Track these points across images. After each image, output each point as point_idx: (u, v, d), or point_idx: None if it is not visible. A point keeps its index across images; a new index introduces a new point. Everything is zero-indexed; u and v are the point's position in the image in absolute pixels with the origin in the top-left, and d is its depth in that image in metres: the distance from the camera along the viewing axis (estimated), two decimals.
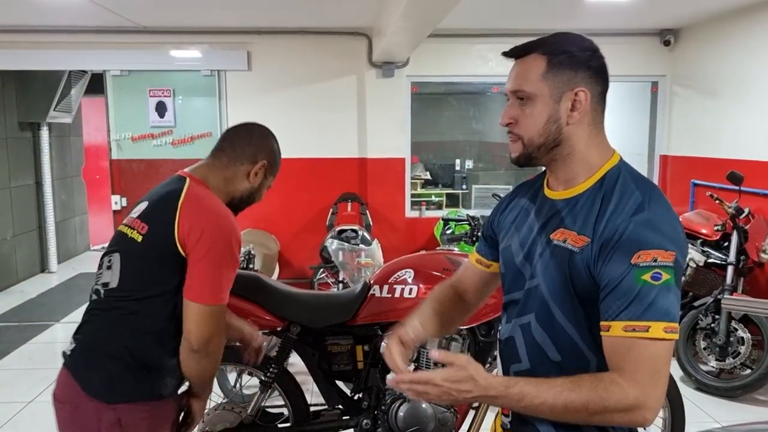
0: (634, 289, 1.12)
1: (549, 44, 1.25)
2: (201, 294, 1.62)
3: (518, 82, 1.26)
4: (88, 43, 5.36)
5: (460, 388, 1.15)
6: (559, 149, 1.26)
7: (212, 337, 1.65)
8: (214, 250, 1.63)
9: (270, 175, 1.89)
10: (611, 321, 1.14)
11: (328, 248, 4.35)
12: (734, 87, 4.73)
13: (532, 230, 1.33)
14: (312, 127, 5.67)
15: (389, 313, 2.52)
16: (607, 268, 1.16)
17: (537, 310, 1.29)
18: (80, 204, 8.11)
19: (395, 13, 3.69)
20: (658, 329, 1.11)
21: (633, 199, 1.19)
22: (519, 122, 1.27)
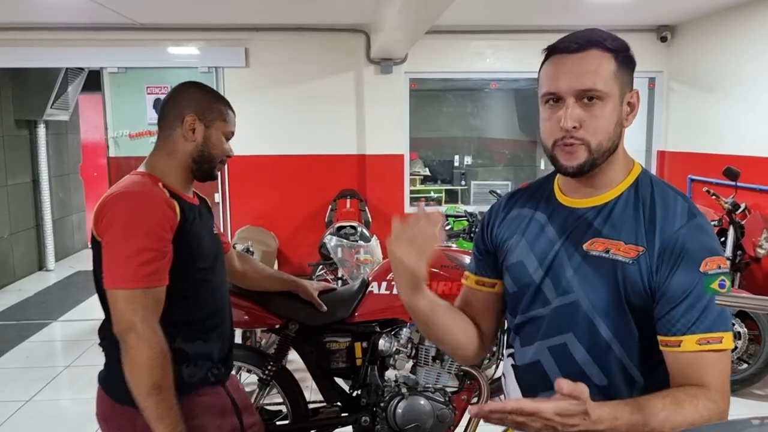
0: (705, 298, 1.07)
1: (609, 40, 1.13)
2: (111, 278, 1.50)
3: (589, 79, 1.10)
4: (85, 40, 5.34)
5: (568, 422, 0.98)
6: (613, 154, 1.17)
7: (129, 327, 1.47)
8: (117, 230, 1.51)
9: (210, 123, 1.69)
10: (682, 335, 1.07)
11: (327, 245, 4.34)
12: (731, 83, 4.73)
13: (554, 243, 1.21)
14: (310, 124, 5.66)
15: (387, 310, 2.52)
16: (674, 277, 1.09)
17: (577, 328, 1.17)
18: (78, 201, 8.09)
19: (393, 9, 3.68)
20: (729, 339, 1.07)
21: (680, 205, 1.14)
22: (585, 125, 1.12)
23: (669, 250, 1.09)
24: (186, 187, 1.73)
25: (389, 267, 2.54)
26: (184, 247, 1.61)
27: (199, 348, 1.68)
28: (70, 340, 4.93)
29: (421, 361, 2.56)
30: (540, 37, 5.59)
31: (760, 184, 4.32)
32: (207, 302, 1.72)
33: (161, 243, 1.53)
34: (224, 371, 1.79)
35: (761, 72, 4.41)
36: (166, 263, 1.55)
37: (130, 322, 1.47)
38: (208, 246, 1.73)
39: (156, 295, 1.53)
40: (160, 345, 1.49)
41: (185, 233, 1.61)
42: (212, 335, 1.72)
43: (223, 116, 1.72)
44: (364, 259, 4.24)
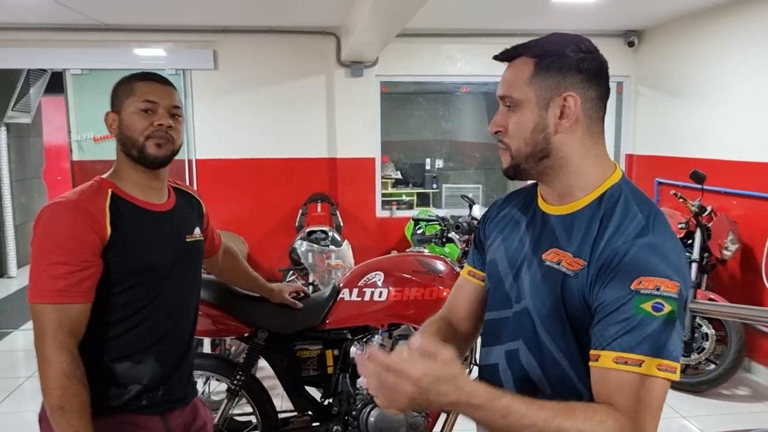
0: (633, 318, 1.01)
1: (538, 46, 1.16)
2: (29, 292, 1.45)
3: (505, 87, 1.17)
4: (47, 41, 5.19)
5: (438, 388, 0.94)
6: (549, 161, 1.16)
7: (37, 345, 1.42)
8: (35, 243, 1.47)
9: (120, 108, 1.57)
10: (601, 350, 1.03)
11: (298, 250, 4.29)
12: (697, 87, 4.81)
13: (523, 246, 1.23)
14: (280, 127, 5.59)
15: (359, 317, 2.50)
16: (604, 291, 1.05)
17: (526, 335, 1.18)
18: (41, 206, 7.85)
19: (363, 12, 3.66)
20: (652, 366, 0.99)
21: (636, 222, 1.09)
22: (507, 130, 1.17)
23: (606, 266, 1.06)
24: (145, 189, 1.63)
25: (360, 272, 2.54)
26: (118, 261, 1.52)
27: (127, 370, 1.58)
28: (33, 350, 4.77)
29: None
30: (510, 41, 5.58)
31: (725, 187, 4.40)
32: (144, 320, 1.60)
33: (78, 257, 1.45)
34: (165, 397, 1.66)
35: (727, 76, 4.49)
36: (86, 279, 1.47)
37: (39, 339, 1.43)
38: (158, 258, 1.61)
39: (71, 311, 1.44)
40: (62, 365, 1.41)
41: (117, 248, 1.52)
42: (147, 357, 1.61)
43: (130, 92, 1.57)
44: (335, 264, 4.20)
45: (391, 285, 2.47)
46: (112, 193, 1.56)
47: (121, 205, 1.56)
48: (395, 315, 2.45)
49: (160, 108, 1.58)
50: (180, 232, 1.71)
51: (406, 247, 5.52)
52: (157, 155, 1.58)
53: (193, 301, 1.78)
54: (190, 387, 1.82)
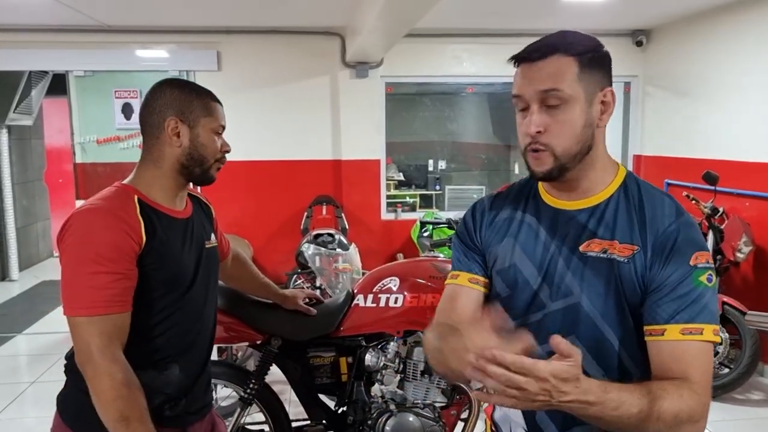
0: (693, 290, 1.10)
1: (569, 44, 1.14)
2: (66, 305, 1.40)
3: (551, 82, 1.11)
4: (49, 42, 5.13)
5: (562, 388, 0.93)
6: (588, 156, 1.17)
7: (87, 359, 1.37)
8: (71, 252, 1.41)
9: (195, 122, 1.55)
10: (665, 324, 1.10)
11: (305, 253, 4.24)
12: (706, 87, 4.76)
13: (548, 246, 1.21)
14: (284, 129, 5.54)
15: (374, 324, 2.44)
16: (665, 270, 1.12)
17: (579, 330, 1.17)
18: (42, 209, 7.84)
19: (372, 13, 3.60)
20: (710, 332, 1.09)
21: (667, 204, 1.17)
22: (549, 130, 1.13)
23: (661, 246, 1.13)
24: (173, 197, 1.60)
25: (375, 278, 2.48)
26: (151, 270, 1.49)
27: (151, 379, 1.53)
28: (36, 354, 4.73)
29: (409, 376, 2.47)
30: (516, 41, 5.53)
31: (738, 188, 4.35)
32: (171, 328, 1.57)
33: (118, 266, 1.41)
34: (187, 408, 1.62)
35: (737, 76, 4.45)
36: (128, 288, 1.43)
37: (86, 353, 1.38)
38: (186, 265, 1.59)
39: (115, 321, 1.41)
40: (121, 375, 1.37)
41: (151, 255, 1.48)
42: (170, 366, 1.57)
43: (207, 111, 1.57)
44: (342, 267, 4.15)
45: (406, 291, 2.42)
46: (139, 200, 1.51)
47: (150, 212, 1.52)
48: (411, 321, 2.40)
49: (223, 133, 1.63)
50: (200, 239, 1.67)
51: (413, 250, 5.48)
52: (214, 178, 1.64)
53: (212, 309, 1.74)
54: (209, 397, 1.78)
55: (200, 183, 1.63)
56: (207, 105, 1.58)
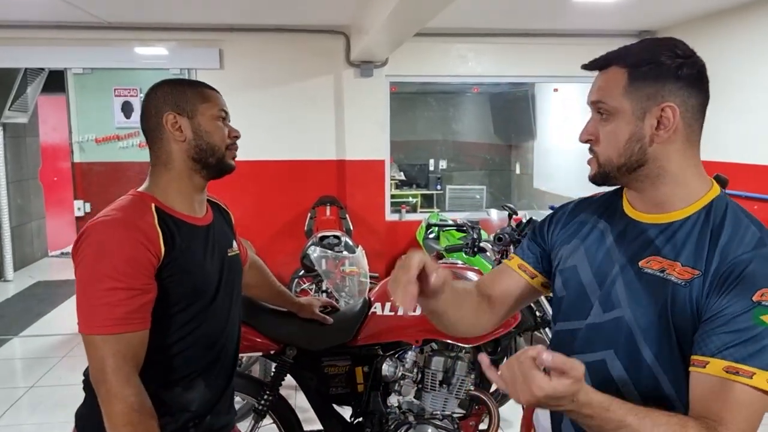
0: (751, 328, 0.98)
1: (631, 54, 1.12)
2: (80, 322, 1.33)
3: (599, 94, 1.14)
4: (48, 39, 5.03)
5: (555, 402, 0.95)
6: (644, 170, 1.13)
7: (100, 379, 1.31)
8: (86, 266, 1.34)
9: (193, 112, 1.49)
10: (711, 357, 1.00)
11: (311, 256, 4.15)
12: (714, 89, 4.67)
13: (612, 255, 1.19)
14: (288, 129, 5.46)
15: (392, 333, 2.37)
16: (723, 300, 1.02)
17: (619, 345, 1.13)
18: (37, 208, 7.72)
19: (383, 12, 3.54)
20: (763, 379, 0.97)
21: (751, 233, 1.07)
22: (598, 139, 1.15)
23: (725, 275, 1.04)
24: (192, 203, 1.53)
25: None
26: (172, 282, 1.41)
27: (177, 396, 1.47)
28: (33, 358, 4.62)
29: (427, 386, 2.40)
30: (524, 41, 5.57)
31: (746, 191, 4.31)
32: (196, 343, 1.49)
33: (135, 281, 1.33)
34: (211, 425, 1.56)
35: (746, 78, 4.41)
36: (146, 304, 1.36)
37: (100, 373, 1.31)
38: (209, 275, 1.51)
39: (132, 340, 1.33)
40: (133, 398, 1.30)
41: (172, 266, 1.41)
42: (196, 381, 1.51)
43: (203, 98, 1.51)
44: (349, 270, 4.07)
45: None
46: (156, 208, 1.44)
47: (168, 220, 1.44)
48: (430, 330, 2.32)
49: (228, 120, 1.56)
50: (222, 247, 1.60)
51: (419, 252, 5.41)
52: (232, 166, 1.56)
53: (237, 320, 1.67)
54: (232, 413, 1.72)
55: (219, 174, 1.54)
56: (201, 92, 1.52)
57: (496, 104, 8.82)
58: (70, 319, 5.30)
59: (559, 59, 5.35)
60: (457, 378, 2.39)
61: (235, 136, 1.56)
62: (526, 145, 8.47)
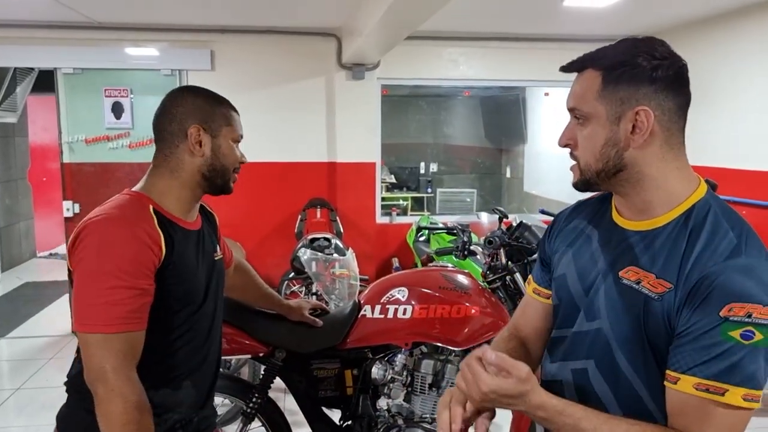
0: (720, 344, 0.96)
1: (606, 57, 1.09)
2: (80, 320, 1.33)
3: (574, 100, 1.13)
4: (38, 38, 4.99)
5: (506, 401, 1.02)
6: (623, 174, 1.10)
7: (99, 377, 1.30)
8: (88, 265, 1.33)
9: (217, 132, 1.52)
10: (681, 374, 0.99)
11: (300, 258, 4.14)
12: (705, 94, 4.75)
13: (596, 262, 1.17)
14: (279, 131, 5.45)
15: (382, 336, 2.37)
16: (692, 316, 0.99)
17: (598, 356, 1.13)
18: (26, 208, 7.66)
19: (375, 15, 3.54)
20: (737, 395, 0.95)
21: (727, 240, 1.02)
22: (577, 144, 1.14)
23: (694, 289, 1.00)
24: (188, 208, 1.54)
25: (382, 288, 2.41)
26: (168, 286, 1.42)
27: (167, 397, 1.48)
28: (19, 360, 4.58)
29: (416, 390, 2.40)
30: (515, 45, 5.59)
31: (735, 196, 4.34)
32: (185, 345, 1.50)
33: (137, 281, 1.34)
34: (199, 426, 1.57)
35: (736, 84, 4.44)
36: (145, 304, 1.36)
37: (100, 371, 1.30)
38: (201, 279, 1.53)
39: (131, 340, 1.33)
40: (134, 397, 1.30)
41: (170, 270, 1.41)
42: (185, 382, 1.52)
43: (228, 121, 1.54)
44: (339, 273, 4.06)
45: (415, 301, 2.34)
46: (155, 210, 1.44)
47: (167, 224, 1.45)
48: (420, 333, 2.33)
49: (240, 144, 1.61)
50: (209, 252, 1.62)
51: (408, 255, 5.41)
52: (230, 190, 1.60)
53: (220, 323, 1.68)
54: (215, 414, 1.73)
55: (219, 193, 1.58)
56: (228, 115, 1.55)
57: (487, 108, 8.84)
58: (58, 321, 5.27)
59: (550, 63, 5.30)
60: (446, 381, 2.39)
61: (243, 162, 1.60)
62: (517, 149, 8.49)
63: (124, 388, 1.30)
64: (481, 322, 2.34)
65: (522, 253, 2.58)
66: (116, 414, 1.28)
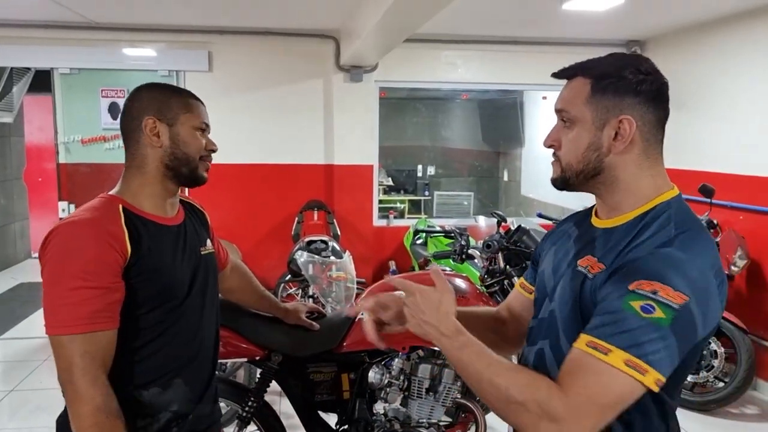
0: (618, 311, 1.01)
1: (596, 68, 1.18)
2: (47, 323, 1.33)
3: (563, 103, 1.21)
4: (35, 38, 4.97)
5: (421, 307, 1.15)
6: (600, 177, 1.19)
7: (66, 379, 1.30)
8: (51, 268, 1.34)
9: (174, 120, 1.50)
10: (582, 333, 1.04)
11: (297, 261, 4.13)
12: (701, 99, 4.76)
13: (567, 255, 1.26)
14: (276, 132, 5.44)
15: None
16: (606, 288, 1.07)
17: (551, 337, 1.21)
18: (21, 208, 7.63)
19: (373, 17, 3.53)
20: (619, 358, 0.97)
21: (664, 234, 1.09)
22: (560, 145, 1.22)
23: (618, 269, 1.08)
24: (163, 204, 1.53)
25: (380, 291, 2.39)
26: (141, 282, 1.41)
27: (156, 397, 1.47)
28: (13, 361, 4.55)
29: (413, 394, 2.39)
30: (513, 49, 5.59)
31: (732, 201, 4.35)
32: (170, 342, 1.49)
33: (102, 280, 1.33)
34: (194, 426, 1.56)
35: (732, 89, 4.45)
36: (113, 303, 1.36)
37: (67, 373, 1.30)
38: (180, 274, 1.51)
39: (99, 340, 1.33)
40: (100, 399, 1.30)
41: (140, 266, 1.40)
42: (174, 381, 1.51)
43: (187, 108, 1.52)
44: (336, 276, 4.05)
45: None
46: (124, 209, 1.44)
47: (135, 221, 1.44)
48: (417, 338, 2.31)
49: (207, 132, 1.58)
50: (194, 246, 1.60)
51: (405, 257, 5.40)
52: (204, 178, 1.58)
53: (213, 318, 1.66)
54: (217, 415, 1.71)
55: (191, 184, 1.56)
56: (186, 102, 1.53)
57: (484, 111, 8.84)
58: None
59: (548, 67, 5.26)
60: (443, 386, 2.38)
61: (212, 149, 1.57)
62: (514, 153, 8.49)
63: (90, 389, 1.30)
64: None
65: (520, 257, 2.57)
66: (82, 416, 1.29)
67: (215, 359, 1.68)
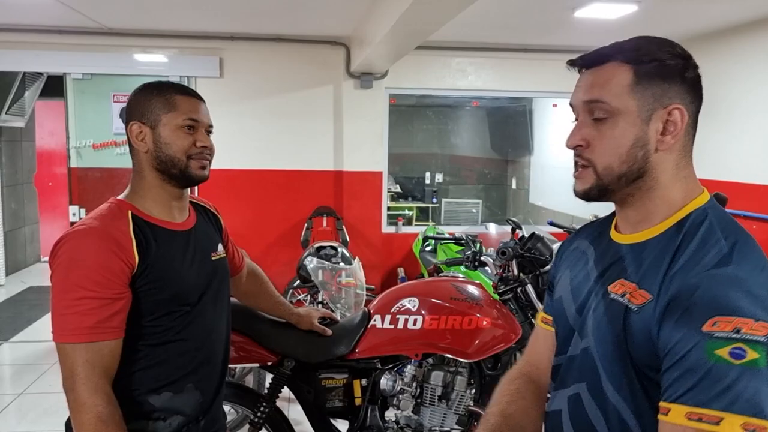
0: (704, 365, 0.83)
1: (633, 50, 0.99)
2: (53, 331, 1.34)
3: (597, 92, 0.99)
4: (48, 43, 5.02)
5: None
6: (640, 182, 1.00)
7: (69, 387, 1.31)
8: (58, 277, 1.34)
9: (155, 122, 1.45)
10: (671, 403, 0.86)
11: (307, 267, 4.12)
12: (715, 108, 4.74)
13: (589, 279, 1.09)
14: (286, 138, 5.45)
15: (391, 346, 2.34)
16: (673, 332, 0.88)
17: (589, 379, 1.02)
18: (31, 213, 7.66)
19: (384, 24, 3.54)
20: (734, 425, 0.80)
21: (716, 249, 0.91)
22: (592, 145, 1.01)
23: (674, 301, 0.89)
24: (170, 208, 1.52)
25: (392, 298, 2.39)
26: (150, 290, 1.41)
27: (168, 401, 1.46)
28: (22, 364, 4.56)
29: (426, 401, 2.37)
30: (524, 56, 5.58)
31: (745, 210, 4.32)
32: (182, 347, 1.49)
33: (107, 290, 1.33)
34: (206, 429, 1.56)
35: (747, 98, 4.43)
36: (118, 312, 1.35)
37: (69, 381, 1.31)
38: (190, 280, 1.50)
39: (102, 349, 1.33)
40: (97, 409, 1.29)
41: (148, 275, 1.40)
42: (186, 386, 1.50)
43: (169, 107, 1.45)
44: (346, 282, 4.03)
45: (426, 312, 2.32)
46: (133, 215, 1.43)
47: (144, 227, 1.43)
48: (430, 344, 2.30)
49: (200, 127, 1.50)
50: (205, 251, 1.59)
51: (414, 264, 5.39)
52: (202, 176, 1.52)
53: (224, 322, 1.65)
54: (224, 418, 1.71)
55: (188, 184, 1.51)
56: (168, 100, 1.46)
57: (494, 119, 8.83)
58: None
59: (559, 75, 5.33)
60: (456, 393, 2.36)
61: (203, 146, 1.49)
62: (523, 161, 8.47)
63: (92, 398, 1.29)
64: (492, 334, 2.31)
65: (534, 265, 2.55)
66: (83, 424, 1.28)
67: (226, 364, 1.67)
